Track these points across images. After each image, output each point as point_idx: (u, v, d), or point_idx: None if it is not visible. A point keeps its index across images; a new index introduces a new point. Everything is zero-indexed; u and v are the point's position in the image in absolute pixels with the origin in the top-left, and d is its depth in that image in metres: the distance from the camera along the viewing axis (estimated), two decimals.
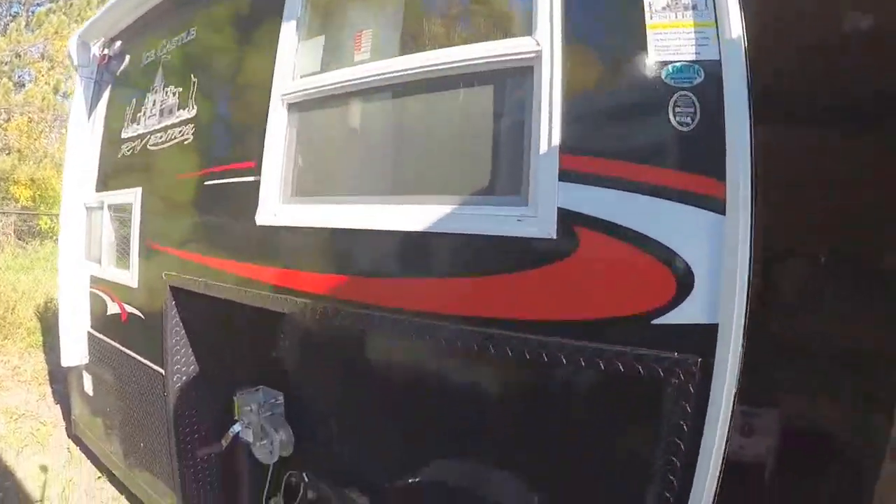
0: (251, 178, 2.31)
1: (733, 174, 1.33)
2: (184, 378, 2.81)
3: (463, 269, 1.79)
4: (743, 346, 1.32)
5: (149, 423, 3.09)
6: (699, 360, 1.35)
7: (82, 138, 3.54)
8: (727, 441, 1.35)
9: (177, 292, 2.69)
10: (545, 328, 1.58)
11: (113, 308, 3.23)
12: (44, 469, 3.81)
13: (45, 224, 14.68)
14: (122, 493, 3.69)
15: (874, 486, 2.27)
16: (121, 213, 3.18)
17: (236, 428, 2.67)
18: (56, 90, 17.63)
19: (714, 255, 1.35)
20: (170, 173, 2.78)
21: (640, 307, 1.44)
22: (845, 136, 3.07)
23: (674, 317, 1.39)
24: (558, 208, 1.55)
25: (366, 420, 2.59)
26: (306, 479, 2.68)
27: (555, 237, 1.56)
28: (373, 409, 2.55)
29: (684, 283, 1.38)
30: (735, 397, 1.34)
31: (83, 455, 4.07)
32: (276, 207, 2.26)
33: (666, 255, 1.40)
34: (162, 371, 2.82)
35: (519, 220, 1.65)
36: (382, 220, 1.96)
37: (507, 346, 1.66)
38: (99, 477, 3.86)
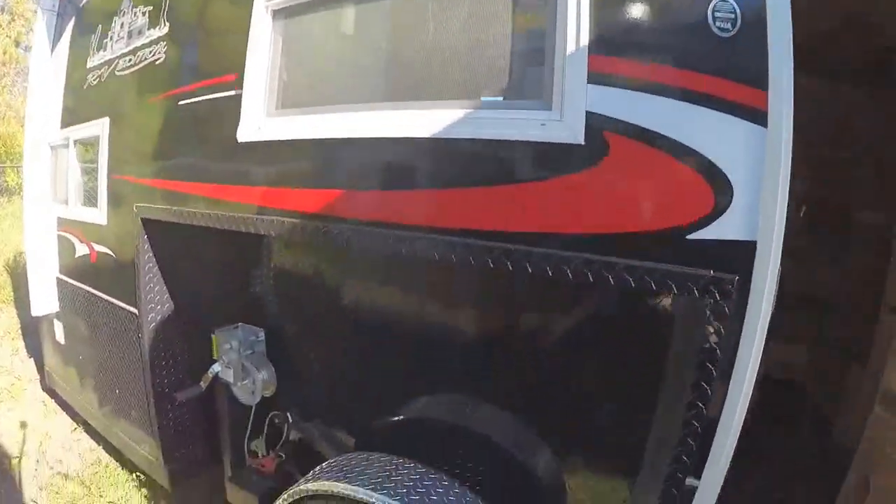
0: (231, 93, 2.15)
1: (776, 85, 1.24)
2: (159, 317, 2.68)
3: (479, 178, 1.64)
4: (780, 265, 1.25)
5: (124, 369, 2.96)
6: (736, 278, 1.28)
7: (45, 76, 3.34)
8: (760, 365, 1.30)
9: (149, 225, 2.54)
10: (569, 242, 1.48)
11: (81, 249, 3.08)
12: (23, 425, 3.69)
13: (12, 180, 14.23)
14: (98, 444, 3.58)
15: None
16: (87, 148, 3.02)
17: (215, 368, 2.56)
18: (17, 43, 17.17)
19: (754, 169, 1.26)
20: (139, 98, 2.61)
21: (674, 221, 1.34)
22: None
23: (710, 232, 1.30)
24: (586, 112, 1.43)
25: (356, 354, 2.50)
26: (290, 420, 2.58)
27: (582, 143, 1.44)
28: (365, 343, 2.45)
29: (722, 197, 1.29)
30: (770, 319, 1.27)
31: (58, 407, 3.95)
32: (260, 121, 2.11)
33: (703, 166, 1.30)
34: (135, 311, 2.69)
35: (543, 125, 1.51)
36: (386, 127, 1.80)
37: (527, 262, 1.53)
38: (75, 428, 3.74)
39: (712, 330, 1.31)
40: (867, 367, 3.21)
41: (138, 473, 3.30)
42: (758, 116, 1.25)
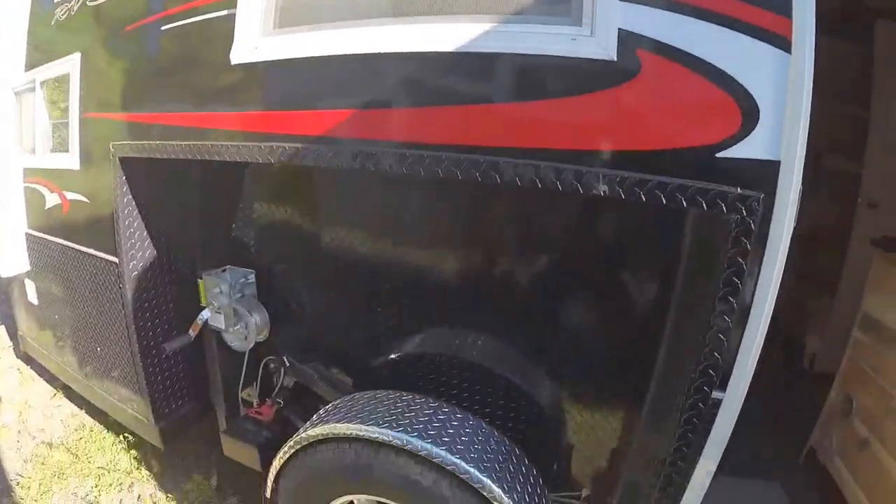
0: (223, 13, 2.00)
1: (799, 13, 1.28)
2: (141, 265, 2.54)
3: (503, 93, 1.60)
4: (801, 185, 1.31)
5: (105, 324, 2.81)
6: (762, 196, 1.32)
7: (4, 16, 3.11)
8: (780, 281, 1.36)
9: (128, 165, 2.38)
10: (601, 160, 1.47)
11: (52, 200, 2.90)
12: None
13: None
14: (81, 408, 3.44)
15: None
16: (56, 88, 2.83)
17: (205, 314, 2.44)
18: None
19: (779, 92, 1.30)
20: (115, 27, 2.43)
21: (705, 139, 1.37)
22: None
23: (739, 151, 1.34)
24: (619, 29, 1.42)
25: (354, 291, 2.40)
26: (287, 363, 2.47)
27: (615, 59, 1.43)
28: (363, 277, 2.36)
29: (750, 117, 1.33)
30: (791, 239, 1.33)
31: (35, 374, 3.78)
32: (256, 41, 1.97)
33: (733, 88, 1.33)
34: (115, 259, 2.53)
35: (573, 40, 1.49)
36: (401, 41, 1.71)
37: (557, 179, 1.50)
38: (55, 394, 3.59)
39: (738, 246, 1.35)
40: (837, 298, 3.51)
41: (126, 434, 3.17)
42: (783, 43, 1.29)
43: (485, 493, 1.97)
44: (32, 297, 3.34)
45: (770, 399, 2.88)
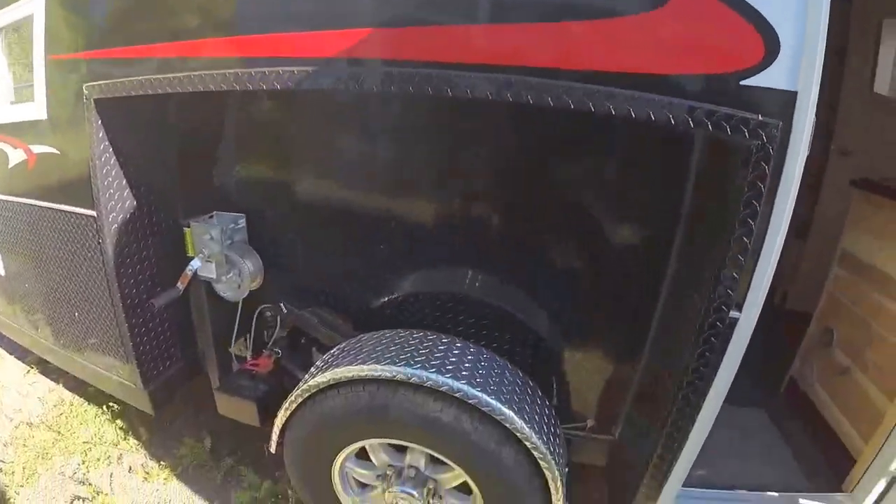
0: None
1: None
2: (121, 217, 2.37)
3: (528, 15, 1.55)
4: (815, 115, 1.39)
5: (82, 287, 2.63)
6: (780, 124, 1.39)
7: None
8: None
9: (104, 108, 2.20)
10: (632, 82, 1.48)
11: (16, 156, 2.69)
12: None
13: None
14: (58, 382, 3.25)
15: None
16: (17, 32, 2.62)
17: (194, 264, 2.31)
18: None
19: (798, 26, 1.36)
20: None
21: (731, 66, 1.42)
22: None
23: (760, 80, 1.40)
24: None
25: (351, 229, 2.30)
26: (284, 310, 2.36)
27: None
28: (362, 215, 2.26)
29: (772, 47, 1.38)
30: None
31: (4, 352, 3.56)
32: None
33: (757, 19, 1.38)
34: (93, 213, 2.35)
35: None
36: None
37: (590, 101, 1.51)
38: (28, 371, 3.39)
39: (758, 170, 1.42)
40: (809, 241, 3.73)
41: (110, 404, 3.01)
42: None
43: (507, 425, 1.93)
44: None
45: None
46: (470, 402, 1.92)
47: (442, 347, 2.10)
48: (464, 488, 2.22)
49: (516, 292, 2.28)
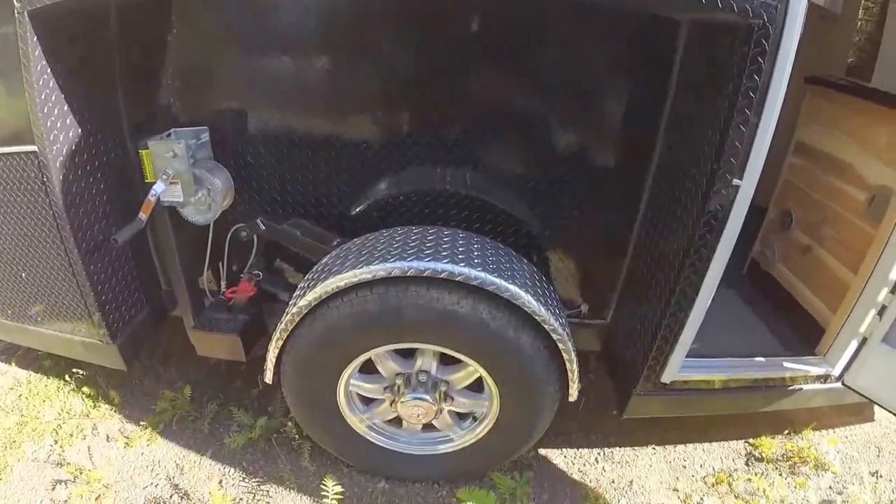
0: None
1: None
2: (66, 147, 2.08)
3: None
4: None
5: (27, 239, 2.32)
6: (778, 4, 1.49)
7: None
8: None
9: (40, 21, 1.92)
10: None
11: None
12: None
13: None
14: (9, 363, 2.93)
15: None
16: None
17: (157, 188, 2.08)
18: None
19: None
20: None
21: None
22: None
23: None
24: None
25: (332, 127, 2.13)
26: (262, 227, 2.17)
27: None
28: (344, 110, 2.10)
29: None
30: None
31: None
32: None
33: None
34: (33, 148, 2.06)
35: None
36: None
37: None
38: None
39: (759, 48, 1.51)
40: None
41: (73, 372, 2.74)
42: None
43: (525, 310, 1.87)
44: None
45: None
46: (488, 289, 1.84)
47: (447, 239, 2.01)
48: (475, 387, 2.17)
49: (501, 184, 2.18)
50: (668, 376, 2.12)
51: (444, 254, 1.89)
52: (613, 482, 2.43)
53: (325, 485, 2.19)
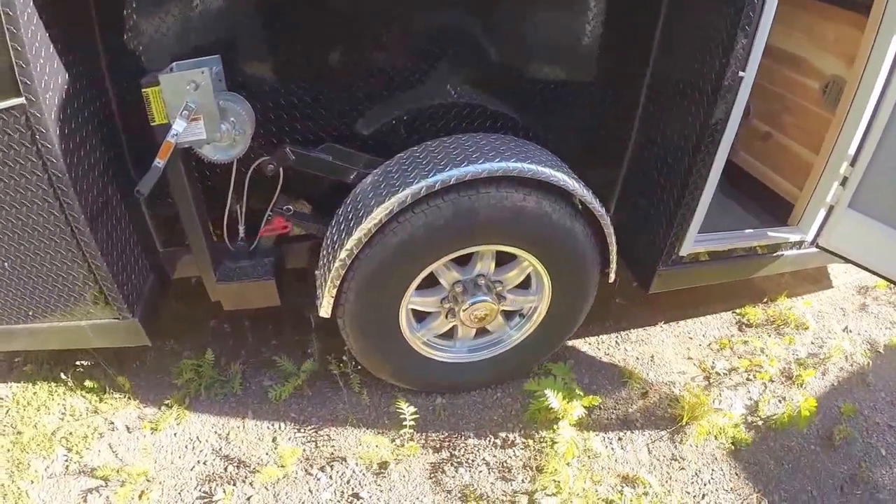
0: None
1: None
2: (58, 95, 1.83)
3: None
4: None
5: (8, 217, 2.02)
6: None
7: None
8: None
9: None
10: None
11: None
12: None
13: None
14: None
15: None
16: None
17: (177, 127, 1.88)
18: None
19: None
20: None
21: None
22: None
23: None
24: None
25: (357, 45, 2.07)
26: (292, 157, 2.07)
27: None
28: (368, 26, 2.02)
29: None
30: None
31: None
32: None
33: None
34: (20, 100, 1.77)
35: None
36: None
37: None
38: None
39: None
40: None
41: (62, 372, 2.42)
42: None
43: (577, 199, 2.06)
44: None
45: None
46: (552, 182, 1.95)
47: (496, 143, 2.07)
48: (523, 284, 2.28)
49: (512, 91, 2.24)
50: (685, 249, 2.34)
51: (506, 154, 1.95)
52: (638, 359, 2.67)
53: (399, 408, 2.19)
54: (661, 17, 2.14)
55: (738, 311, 2.96)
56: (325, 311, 2.07)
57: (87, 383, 2.41)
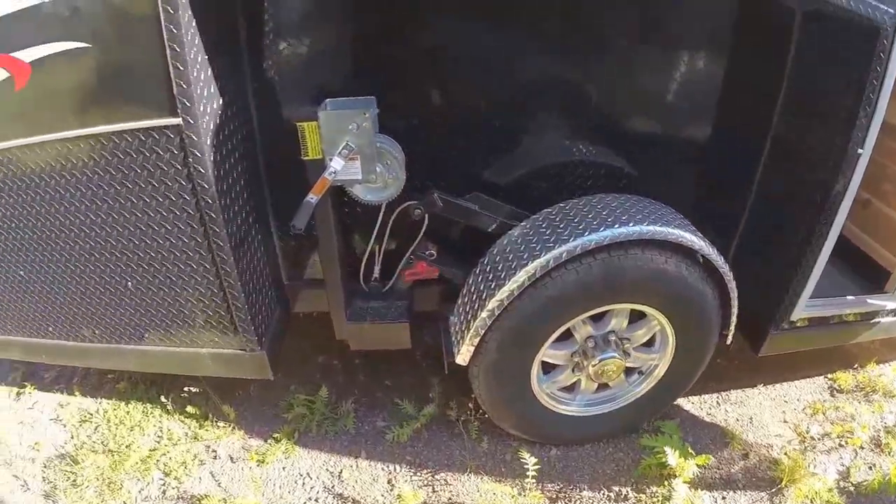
0: None
1: None
2: (214, 120, 1.79)
3: None
4: None
5: (146, 238, 1.95)
6: None
7: None
8: None
9: None
10: None
11: None
12: None
13: None
14: (73, 392, 2.45)
15: None
16: None
17: (335, 165, 1.86)
18: None
19: None
20: None
21: None
22: None
23: None
24: None
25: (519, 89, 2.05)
26: (439, 203, 2.05)
27: None
28: (536, 76, 2.04)
29: None
30: None
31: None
32: None
33: None
34: (176, 121, 1.71)
35: None
36: None
37: None
38: (18, 392, 2.49)
39: (884, 46, 1.72)
40: None
41: (156, 395, 2.38)
42: None
43: (711, 262, 2.05)
44: None
45: None
46: (693, 247, 1.97)
47: (637, 204, 2.07)
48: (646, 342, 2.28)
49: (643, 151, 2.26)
50: (796, 314, 2.34)
51: (651, 217, 1.98)
52: (738, 420, 2.67)
53: (521, 457, 2.18)
54: (784, 82, 2.12)
55: (829, 375, 2.97)
56: (462, 358, 2.05)
57: (190, 408, 2.35)
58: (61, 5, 1.68)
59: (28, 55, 1.75)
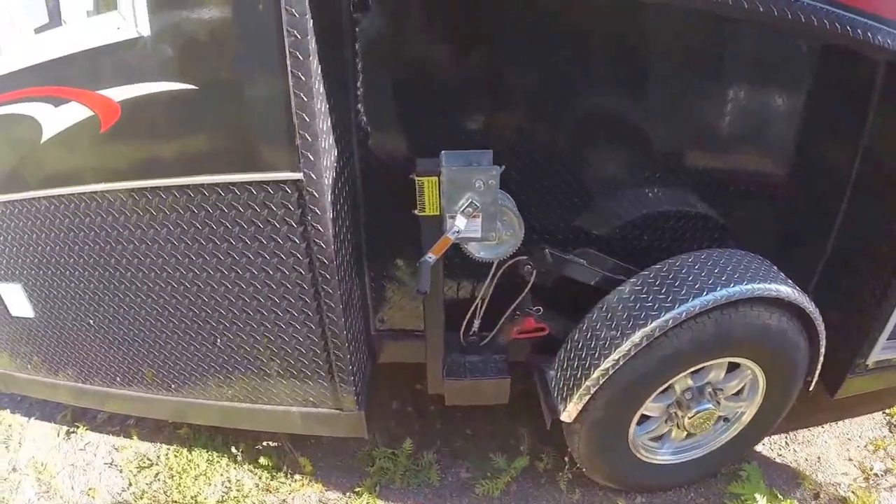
0: None
1: None
2: (331, 175, 1.69)
3: None
4: None
5: (245, 296, 1.85)
6: None
7: None
8: None
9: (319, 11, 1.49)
10: None
11: (70, 115, 1.66)
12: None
13: None
14: (131, 435, 2.30)
15: None
16: None
17: (459, 224, 1.77)
18: None
19: None
20: None
21: None
22: None
23: None
24: None
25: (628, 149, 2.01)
26: (549, 258, 1.99)
27: None
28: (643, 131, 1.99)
29: None
30: None
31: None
32: None
33: None
34: (297, 176, 1.61)
35: None
36: None
37: None
38: (68, 431, 2.33)
39: None
40: None
41: (223, 444, 2.25)
42: None
43: (810, 316, 2.04)
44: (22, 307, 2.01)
45: None
46: (796, 303, 1.98)
47: (742, 259, 2.06)
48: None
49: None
50: (873, 357, 2.36)
51: (759, 274, 1.98)
52: (806, 460, 2.70)
53: None
54: (865, 128, 2.11)
55: (887, 411, 3.01)
56: (568, 416, 2.02)
57: (263, 459, 2.25)
58: (164, 43, 1.55)
59: (117, 94, 1.61)
